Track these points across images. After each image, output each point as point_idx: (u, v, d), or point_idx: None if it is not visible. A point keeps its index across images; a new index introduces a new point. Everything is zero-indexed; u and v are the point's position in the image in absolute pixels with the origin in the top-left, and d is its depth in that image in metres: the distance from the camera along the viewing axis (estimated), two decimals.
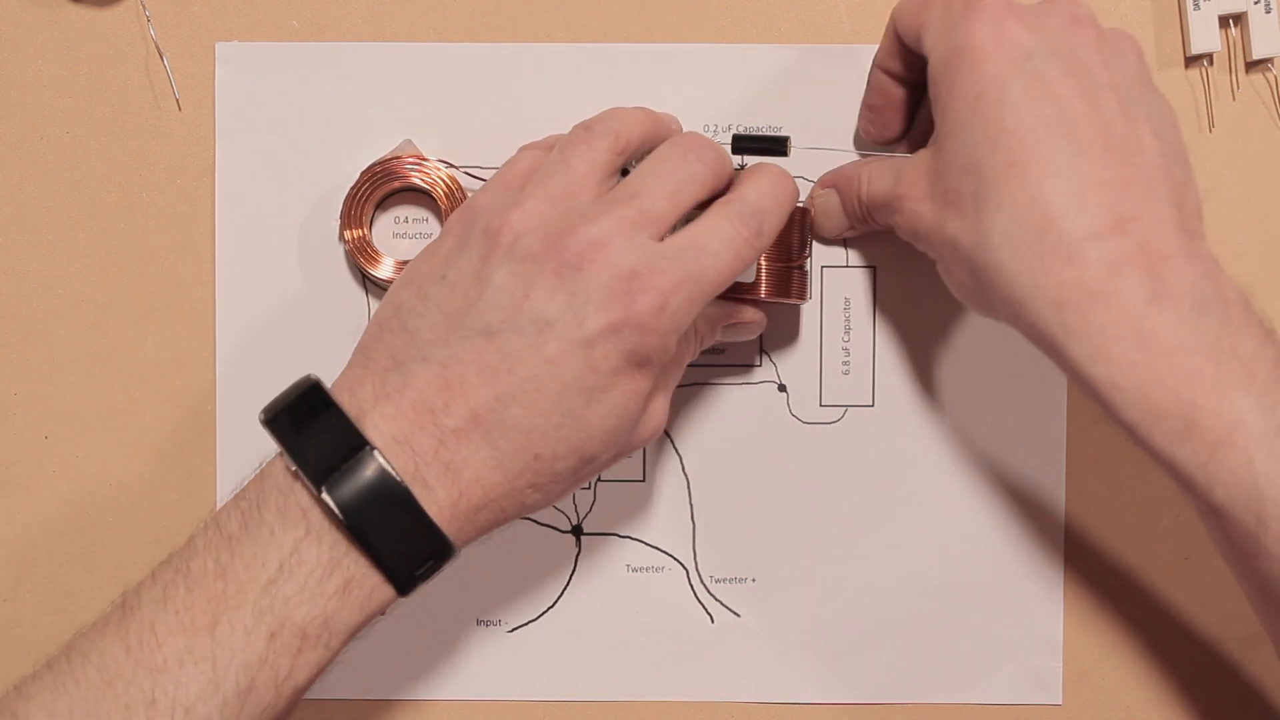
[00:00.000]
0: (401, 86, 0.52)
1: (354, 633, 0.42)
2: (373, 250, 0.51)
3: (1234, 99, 0.53)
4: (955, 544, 0.53)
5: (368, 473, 0.40)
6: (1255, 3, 0.52)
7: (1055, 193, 0.41)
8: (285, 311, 0.53)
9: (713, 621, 0.53)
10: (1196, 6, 0.52)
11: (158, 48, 0.52)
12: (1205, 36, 0.52)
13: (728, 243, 0.43)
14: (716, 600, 0.53)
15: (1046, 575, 0.53)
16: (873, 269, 0.53)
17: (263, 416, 0.43)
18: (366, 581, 0.41)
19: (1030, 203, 0.41)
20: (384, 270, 0.51)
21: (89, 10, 0.52)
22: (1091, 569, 0.53)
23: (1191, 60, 0.53)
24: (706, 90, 0.52)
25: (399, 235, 0.53)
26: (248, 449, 0.53)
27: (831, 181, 0.51)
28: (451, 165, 0.51)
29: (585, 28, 0.52)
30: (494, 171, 0.52)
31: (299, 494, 0.42)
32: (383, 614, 0.42)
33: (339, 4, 0.52)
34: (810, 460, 0.53)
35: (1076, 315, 0.40)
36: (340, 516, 0.40)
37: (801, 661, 0.53)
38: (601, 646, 0.53)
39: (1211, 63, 0.52)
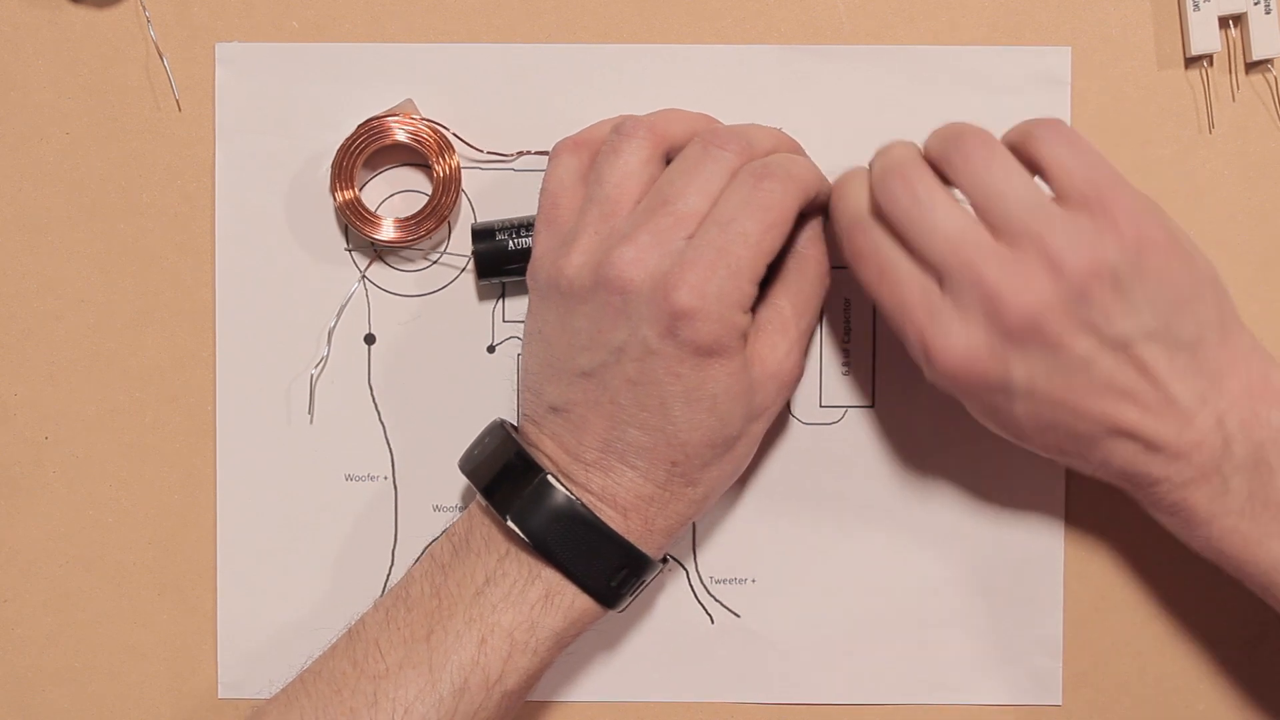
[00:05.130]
0: (401, 87, 0.52)
1: (561, 640, 0.46)
2: (365, 210, 0.51)
3: (1234, 99, 0.53)
4: (955, 544, 0.53)
5: (545, 496, 0.45)
6: (1255, 3, 0.52)
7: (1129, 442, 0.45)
8: (286, 311, 0.53)
9: (713, 622, 0.53)
10: (1196, 7, 0.52)
11: (158, 48, 0.52)
12: (1205, 37, 0.52)
13: (743, 203, 0.44)
14: (716, 600, 0.53)
15: (1046, 575, 0.53)
16: None
17: (461, 464, 0.48)
18: (565, 591, 0.45)
19: (1105, 462, 0.46)
20: (385, 232, 0.51)
21: (89, 10, 0.52)
22: (1091, 569, 0.53)
23: (1191, 61, 0.53)
24: (707, 90, 0.52)
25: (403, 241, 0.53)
26: (248, 449, 0.53)
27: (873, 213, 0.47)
28: (443, 126, 0.51)
29: (585, 29, 0.52)
30: (496, 156, 0.51)
31: (498, 523, 0.46)
32: (592, 624, 0.46)
33: (339, 4, 0.52)
34: (810, 460, 0.53)
35: (1139, 498, 0.47)
36: (525, 539, 0.45)
37: (801, 661, 0.53)
38: (601, 646, 0.53)
39: (1211, 63, 0.52)
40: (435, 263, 0.53)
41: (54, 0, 0.52)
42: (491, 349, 0.53)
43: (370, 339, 0.53)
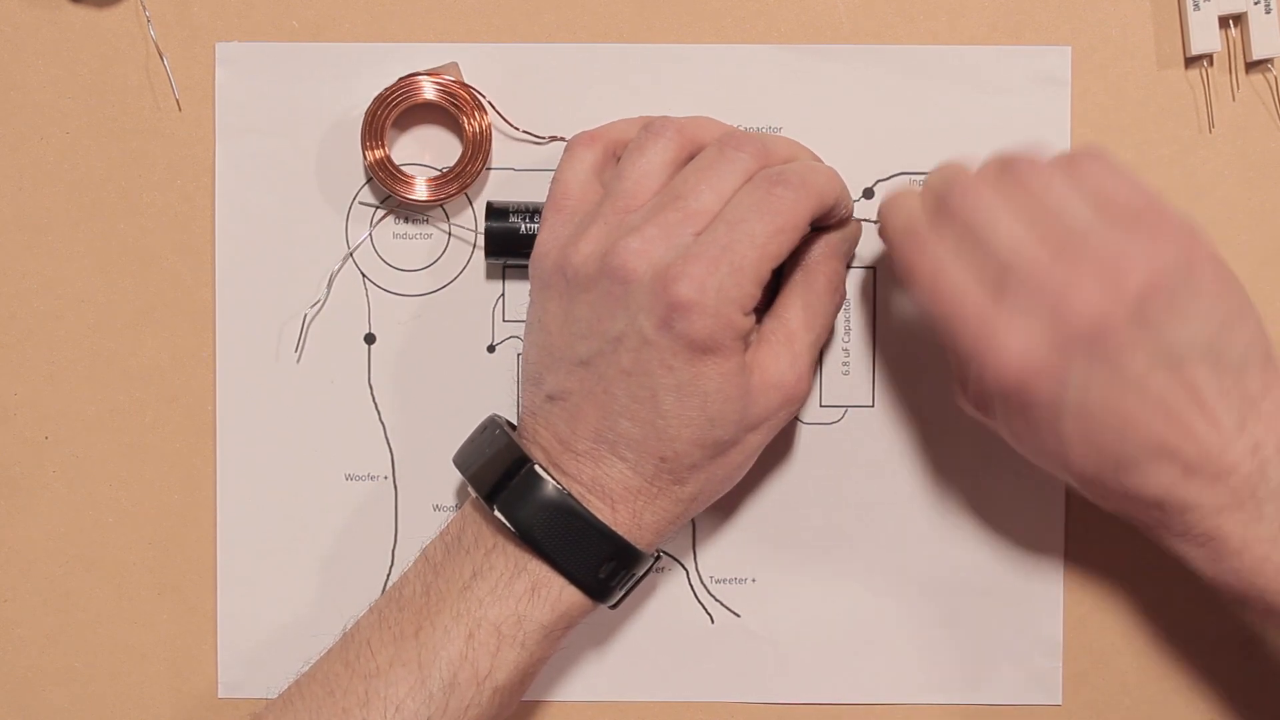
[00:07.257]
0: None
1: (551, 634, 0.46)
2: (395, 168, 0.51)
3: (1234, 99, 0.53)
4: (955, 544, 0.53)
5: (533, 486, 0.45)
6: (1255, 3, 0.52)
7: (1120, 457, 0.44)
8: (286, 311, 0.53)
9: (713, 621, 0.53)
10: (1196, 7, 0.52)
11: (158, 48, 0.52)
12: (1205, 37, 0.52)
13: (754, 205, 0.44)
14: (716, 600, 0.53)
15: (1046, 575, 0.53)
16: (873, 269, 0.53)
17: (455, 459, 0.48)
18: (552, 583, 0.45)
19: (1096, 480, 0.45)
20: (419, 192, 0.51)
21: (89, 10, 0.52)
22: (1091, 569, 0.53)
23: (1191, 60, 0.53)
24: (706, 90, 0.52)
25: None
26: (248, 449, 0.53)
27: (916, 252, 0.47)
28: (480, 94, 0.51)
29: (585, 29, 0.52)
30: (530, 136, 0.52)
31: (489, 518, 0.46)
32: (582, 617, 0.46)
33: (339, 4, 0.52)
34: (810, 460, 0.53)
35: (1163, 531, 0.45)
36: (510, 527, 0.45)
37: (801, 661, 0.53)
38: (601, 646, 0.53)
39: (1211, 63, 0.53)
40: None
41: (54, 0, 0.52)
42: (492, 349, 0.53)
43: (370, 338, 0.53)
